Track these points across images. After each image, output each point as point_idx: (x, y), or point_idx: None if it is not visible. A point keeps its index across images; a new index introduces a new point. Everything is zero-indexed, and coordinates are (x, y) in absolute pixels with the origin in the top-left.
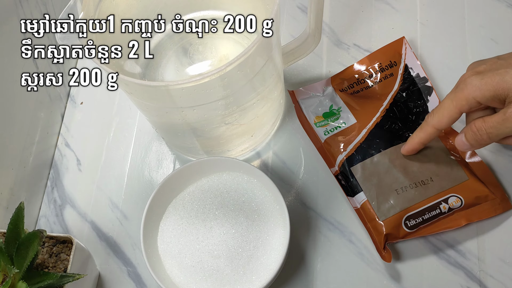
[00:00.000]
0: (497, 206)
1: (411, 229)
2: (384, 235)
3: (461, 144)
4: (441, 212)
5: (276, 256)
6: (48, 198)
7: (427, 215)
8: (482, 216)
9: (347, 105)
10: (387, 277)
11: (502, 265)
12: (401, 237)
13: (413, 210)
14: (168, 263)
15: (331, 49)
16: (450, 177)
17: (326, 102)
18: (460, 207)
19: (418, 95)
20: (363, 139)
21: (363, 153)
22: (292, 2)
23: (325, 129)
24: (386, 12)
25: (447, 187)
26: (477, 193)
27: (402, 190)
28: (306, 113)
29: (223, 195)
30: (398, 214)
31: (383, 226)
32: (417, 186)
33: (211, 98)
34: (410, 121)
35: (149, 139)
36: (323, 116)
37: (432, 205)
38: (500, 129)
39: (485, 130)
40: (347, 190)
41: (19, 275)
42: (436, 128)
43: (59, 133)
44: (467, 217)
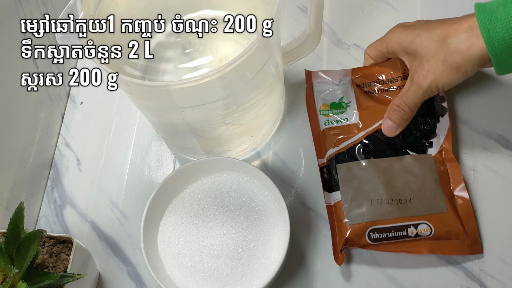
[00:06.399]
0: (466, 247)
1: (373, 241)
2: (345, 239)
3: (389, 128)
4: (407, 236)
5: (276, 256)
6: (48, 198)
7: (392, 234)
8: (446, 251)
9: (357, 102)
10: (387, 277)
11: (502, 265)
12: (361, 245)
13: (381, 224)
14: (168, 263)
15: (331, 49)
16: (429, 204)
17: (338, 92)
18: (427, 236)
19: (431, 112)
20: (358, 141)
21: (354, 154)
22: (292, 2)
23: (326, 119)
24: (386, 12)
25: (422, 214)
26: (450, 228)
27: (378, 202)
28: (316, 97)
29: (223, 195)
30: (364, 224)
31: (348, 230)
32: (393, 203)
33: (211, 98)
34: (412, 137)
35: (149, 139)
36: (330, 105)
37: (400, 226)
38: (416, 95)
39: (404, 103)
40: (326, 185)
41: (19, 275)
42: (367, 53)
43: (59, 133)
44: (431, 248)
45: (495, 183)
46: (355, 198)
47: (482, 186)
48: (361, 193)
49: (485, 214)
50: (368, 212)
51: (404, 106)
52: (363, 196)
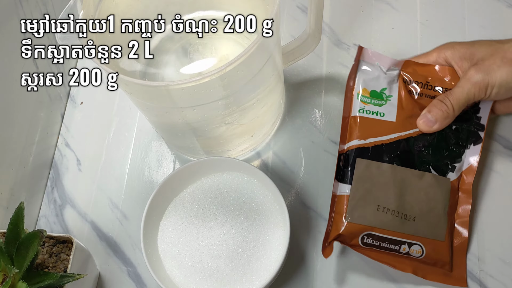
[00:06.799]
0: (448, 279)
1: (364, 245)
2: (339, 233)
3: (426, 121)
4: (398, 251)
5: (276, 256)
6: (48, 198)
7: (385, 245)
8: (428, 277)
9: (398, 99)
10: (387, 277)
11: (502, 265)
12: (350, 244)
13: (378, 232)
14: (168, 263)
15: (331, 49)
16: (431, 228)
17: (382, 81)
18: (416, 257)
19: (466, 137)
20: (387, 142)
21: (378, 154)
22: (292, 2)
23: (362, 106)
24: (386, 12)
25: (420, 235)
26: (440, 257)
27: (383, 210)
28: (358, 77)
29: (223, 195)
30: (363, 226)
31: (344, 226)
32: (397, 216)
33: (211, 98)
34: (440, 156)
35: (149, 139)
36: (370, 93)
37: (396, 240)
38: (462, 90)
39: (447, 98)
40: (339, 174)
41: (19, 275)
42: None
43: (59, 133)
44: (416, 269)
45: (495, 183)
46: (363, 198)
47: (482, 186)
48: (371, 196)
49: (485, 214)
50: (370, 216)
51: (447, 101)
52: (372, 199)
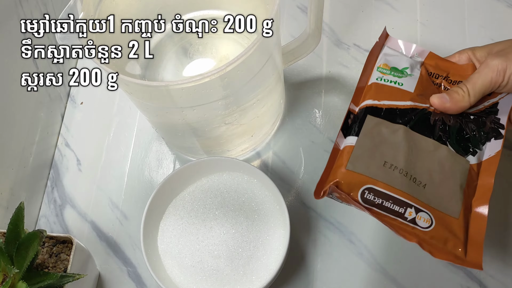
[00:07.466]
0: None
1: (364, 201)
2: (336, 181)
3: (440, 97)
4: (402, 215)
5: (276, 256)
6: (48, 198)
7: (388, 205)
8: (437, 254)
9: (419, 78)
10: (387, 277)
11: (502, 265)
12: (349, 194)
13: (382, 188)
14: (168, 263)
15: (331, 49)
16: (443, 201)
17: (405, 63)
18: (423, 228)
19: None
20: (404, 107)
21: (391, 115)
22: (292, 2)
23: (380, 76)
24: (386, 12)
25: (430, 204)
26: (451, 235)
27: (390, 167)
28: (381, 56)
29: (223, 195)
30: (364, 177)
31: (343, 172)
32: (406, 177)
33: (211, 98)
34: (460, 136)
35: (149, 139)
36: (390, 68)
37: (401, 201)
38: (479, 75)
39: (464, 83)
40: (346, 128)
41: (19, 275)
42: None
43: (59, 133)
44: (421, 241)
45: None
46: (368, 151)
47: None
48: (378, 152)
49: None
50: (374, 169)
51: (463, 85)
52: (378, 155)
